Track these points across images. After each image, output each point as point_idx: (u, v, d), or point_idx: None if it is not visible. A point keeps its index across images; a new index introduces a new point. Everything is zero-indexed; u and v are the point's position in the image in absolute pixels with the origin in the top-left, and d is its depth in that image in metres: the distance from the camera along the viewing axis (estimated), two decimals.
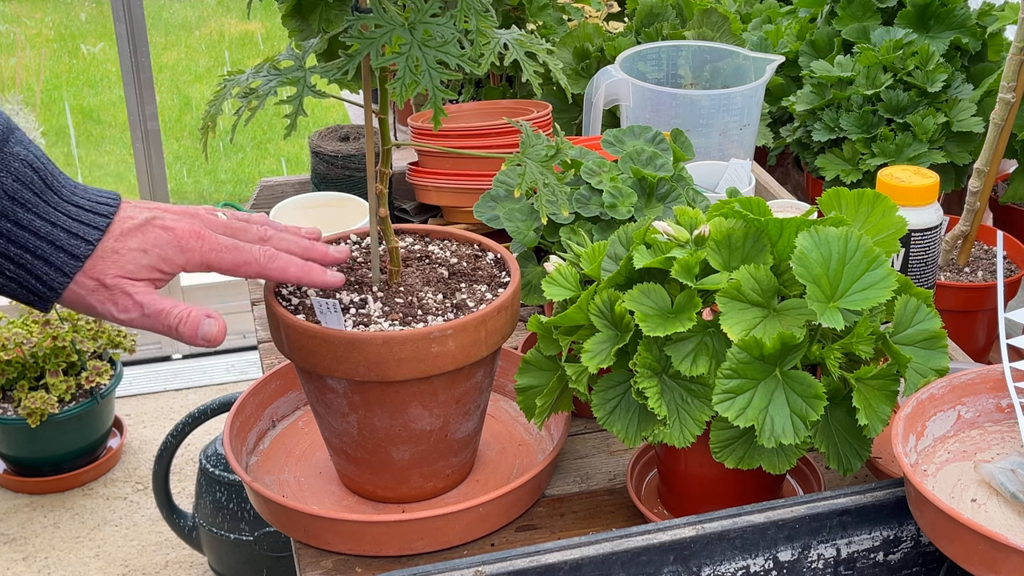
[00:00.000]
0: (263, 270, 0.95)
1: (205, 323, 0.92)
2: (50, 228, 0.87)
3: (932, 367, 0.92)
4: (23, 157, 0.87)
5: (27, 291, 0.89)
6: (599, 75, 1.52)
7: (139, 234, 0.90)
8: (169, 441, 2.19)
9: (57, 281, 0.88)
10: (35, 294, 0.89)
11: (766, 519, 0.87)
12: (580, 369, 0.94)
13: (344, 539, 0.98)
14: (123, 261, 0.89)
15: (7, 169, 0.86)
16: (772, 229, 0.92)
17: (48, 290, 0.88)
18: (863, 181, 1.56)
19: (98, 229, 0.89)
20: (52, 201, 0.88)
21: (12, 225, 0.86)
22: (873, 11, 1.69)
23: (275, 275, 0.95)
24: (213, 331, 0.92)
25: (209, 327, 0.92)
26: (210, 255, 0.93)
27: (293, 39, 1.12)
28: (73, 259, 0.88)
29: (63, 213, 0.88)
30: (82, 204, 0.90)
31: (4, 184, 0.86)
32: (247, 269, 0.94)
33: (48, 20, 5.17)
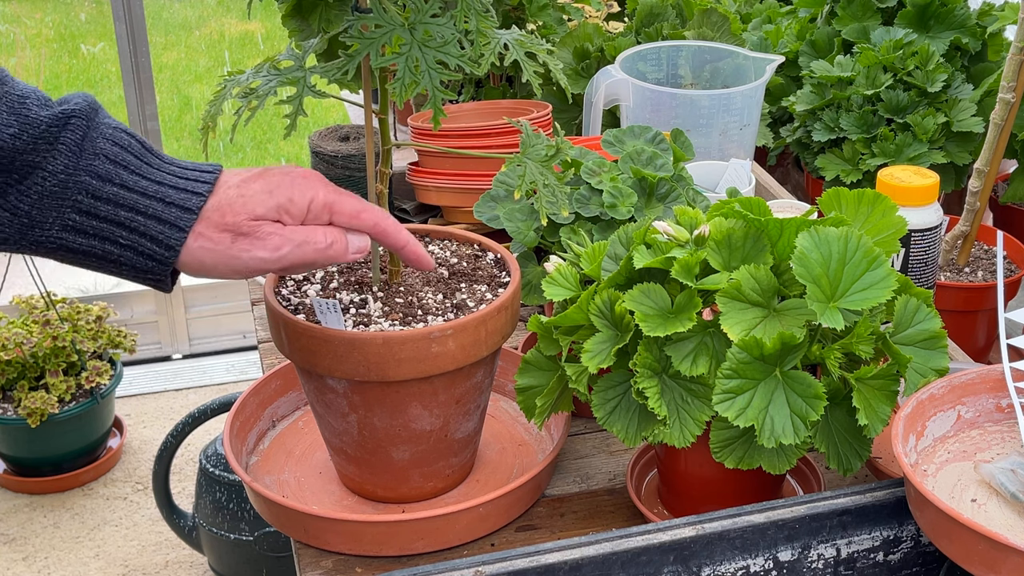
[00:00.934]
0: (379, 222, 0.93)
1: (351, 237, 0.91)
2: (156, 187, 0.86)
3: (932, 367, 0.92)
4: (117, 125, 0.87)
5: (145, 256, 0.86)
6: (599, 75, 1.52)
7: (260, 179, 0.89)
8: (169, 441, 2.19)
9: (174, 238, 0.86)
10: (153, 258, 0.86)
11: (766, 519, 0.87)
12: (580, 369, 0.94)
13: (344, 539, 0.98)
14: (251, 204, 0.88)
15: (103, 135, 0.85)
16: (772, 229, 0.92)
17: (165, 249, 0.86)
18: (863, 181, 1.56)
19: (206, 183, 0.87)
20: (154, 163, 0.87)
21: (118, 188, 0.85)
22: (873, 11, 1.70)
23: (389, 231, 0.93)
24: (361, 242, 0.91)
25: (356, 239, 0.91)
26: (333, 195, 0.91)
27: (293, 39, 1.12)
28: (186, 212, 0.86)
29: (168, 173, 0.87)
30: (186, 165, 0.89)
31: (103, 148, 0.85)
32: (367, 216, 0.92)
33: (48, 20, 5.17)
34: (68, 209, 0.84)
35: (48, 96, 0.86)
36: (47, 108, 0.84)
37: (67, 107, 0.84)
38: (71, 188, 0.84)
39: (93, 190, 0.84)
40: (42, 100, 0.84)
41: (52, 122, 0.83)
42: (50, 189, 0.83)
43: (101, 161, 0.84)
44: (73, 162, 0.83)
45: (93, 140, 0.85)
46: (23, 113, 0.83)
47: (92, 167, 0.84)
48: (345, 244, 0.90)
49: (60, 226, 0.84)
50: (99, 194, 0.84)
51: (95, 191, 0.84)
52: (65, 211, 0.84)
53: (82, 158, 0.84)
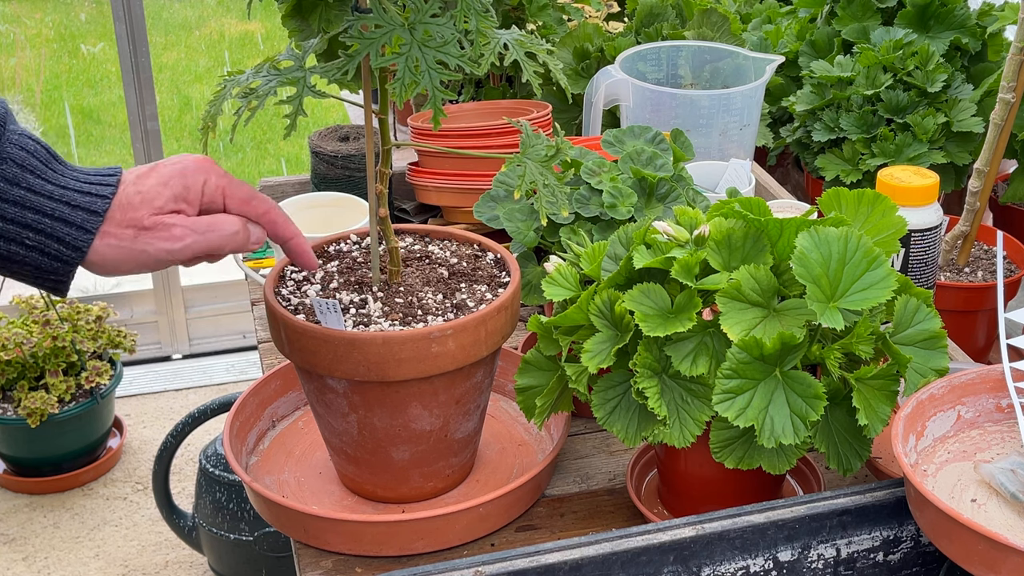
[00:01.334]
0: (269, 211, 0.95)
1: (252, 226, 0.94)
2: (63, 191, 0.88)
3: (932, 367, 0.92)
4: (24, 132, 0.89)
5: (50, 257, 0.88)
6: (599, 75, 1.52)
7: (152, 174, 0.92)
8: (169, 441, 2.19)
9: (81, 239, 0.88)
10: (59, 259, 0.89)
11: (766, 519, 0.87)
12: (580, 369, 0.94)
13: (344, 539, 0.98)
14: (150, 198, 0.90)
15: (11, 141, 0.87)
16: (772, 229, 0.92)
17: (72, 250, 0.88)
18: (863, 181, 1.56)
19: (110, 185, 0.90)
20: (59, 170, 0.90)
21: (25, 191, 0.87)
22: (873, 11, 1.70)
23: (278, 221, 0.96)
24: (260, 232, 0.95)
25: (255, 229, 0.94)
26: (223, 180, 0.94)
27: (293, 39, 1.12)
28: (92, 215, 0.89)
29: (73, 178, 0.90)
30: (88, 172, 0.91)
31: (11, 153, 0.87)
32: (257, 204, 0.95)
33: (48, 20, 5.17)
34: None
35: None
36: None
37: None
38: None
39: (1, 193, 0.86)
40: None
41: None
42: None
43: (8, 165, 0.87)
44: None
45: (2, 146, 0.87)
46: None
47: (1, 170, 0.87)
48: (247, 233, 0.93)
49: None
50: (6, 196, 0.86)
51: (2, 194, 0.86)
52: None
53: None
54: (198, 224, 0.91)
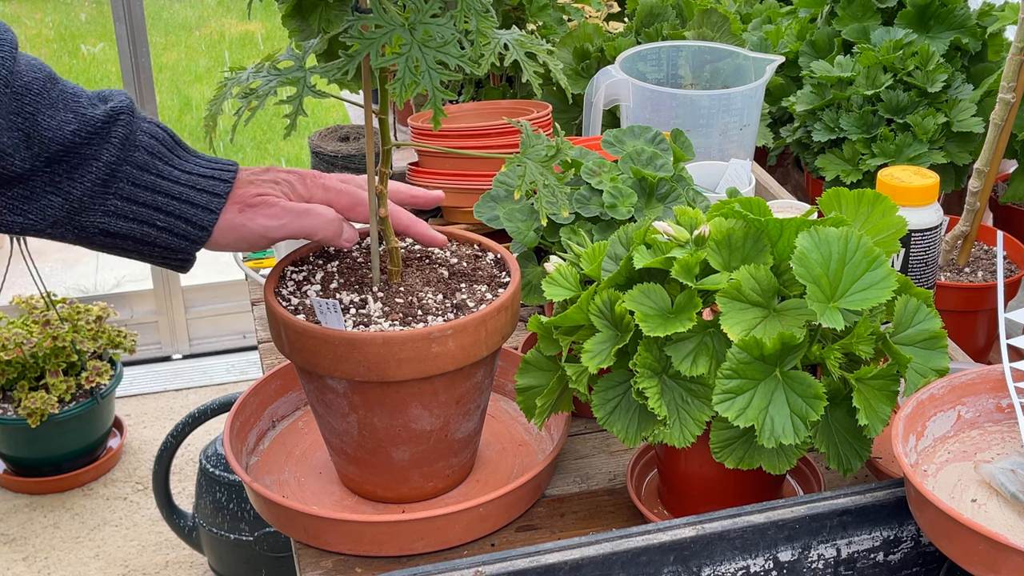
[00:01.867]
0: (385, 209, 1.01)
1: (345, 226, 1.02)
2: (189, 176, 0.98)
3: (932, 367, 0.92)
4: (151, 120, 0.98)
5: (179, 237, 0.98)
6: (599, 75, 1.52)
7: (268, 173, 1.02)
8: (169, 441, 2.19)
9: (207, 219, 0.98)
10: (187, 238, 0.98)
11: (766, 519, 0.87)
12: (580, 369, 0.94)
13: (344, 539, 0.98)
14: (259, 184, 1.00)
15: (142, 129, 0.96)
16: (772, 229, 0.92)
17: (199, 230, 0.98)
18: (863, 181, 1.56)
19: (231, 170, 1.00)
20: (183, 156, 0.99)
21: (156, 177, 0.96)
22: (873, 11, 1.69)
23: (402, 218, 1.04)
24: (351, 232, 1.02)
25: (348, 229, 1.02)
26: (330, 193, 1.02)
27: (293, 39, 1.12)
28: (215, 196, 0.98)
29: (196, 164, 0.99)
30: (210, 158, 1.00)
31: (143, 141, 0.96)
32: (362, 210, 1.03)
33: (48, 20, 5.17)
34: (111, 196, 0.94)
35: (91, 93, 0.96)
36: (98, 106, 0.94)
37: (114, 104, 0.95)
38: (117, 176, 0.94)
39: (134, 178, 0.95)
40: (92, 98, 0.95)
41: (105, 119, 0.94)
42: (101, 177, 0.94)
43: (141, 153, 0.96)
44: (120, 154, 0.94)
45: (135, 134, 0.96)
46: (79, 111, 0.93)
47: (134, 158, 0.95)
48: (340, 227, 1.01)
49: (103, 211, 0.95)
50: (139, 182, 0.95)
51: (135, 179, 0.95)
52: (109, 198, 0.94)
53: (126, 150, 0.95)
54: (297, 207, 0.99)
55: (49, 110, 0.92)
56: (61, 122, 0.92)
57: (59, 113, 0.92)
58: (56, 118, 0.92)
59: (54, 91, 0.93)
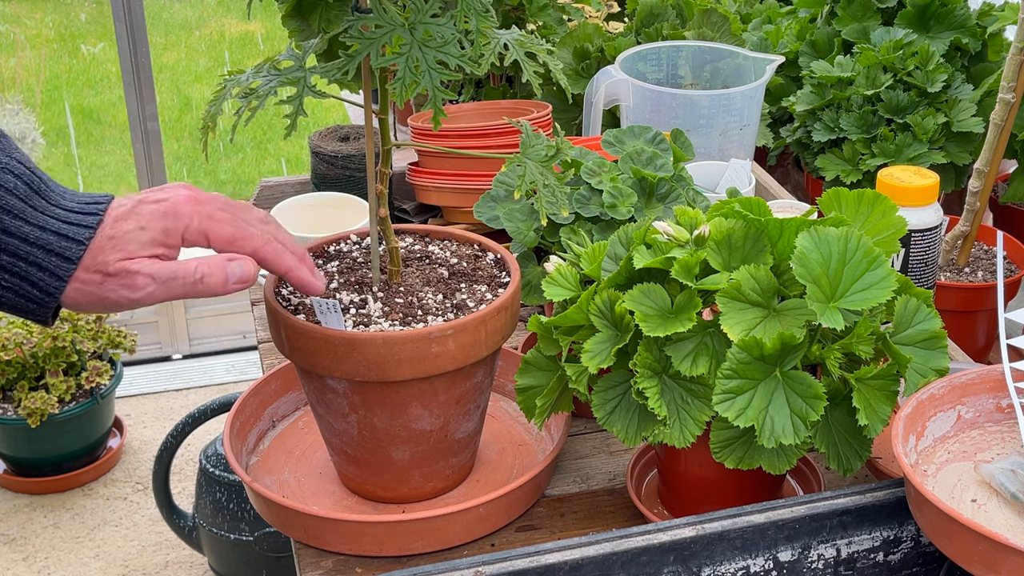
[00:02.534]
0: (258, 250, 0.91)
1: (231, 267, 0.89)
2: (39, 233, 0.86)
3: (932, 367, 0.92)
4: (4, 164, 0.86)
5: (25, 299, 0.87)
6: (599, 75, 1.52)
7: (132, 216, 0.88)
8: (169, 441, 2.19)
9: (53, 286, 0.86)
10: (33, 301, 0.87)
11: (766, 519, 0.87)
12: (580, 369, 0.94)
13: (344, 539, 0.98)
14: (122, 244, 0.87)
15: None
16: (772, 229, 0.92)
17: (46, 295, 0.87)
18: (863, 181, 1.56)
19: (89, 228, 0.87)
20: (40, 207, 0.87)
21: (1, 233, 0.85)
22: (873, 11, 1.70)
23: (269, 258, 0.92)
24: (242, 270, 0.89)
25: (240, 269, 0.89)
26: (207, 222, 0.89)
27: (293, 39, 1.12)
28: (65, 261, 0.86)
29: (52, 217, 0.87)
30: (72, 207, 0.88)
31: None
32: (242, 244, 0.90)
33: (48, 20, 5.17)
34: None
35: None
36: None
37: None
38: None
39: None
40: None
41: None
42: None
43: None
44: None
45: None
46: None
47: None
48: (224, 276, 0.88)
49: None
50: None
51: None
52: None
53: None
54: (162, 272, 0.88)
55: None
56: None
57: None
58: None
59: None
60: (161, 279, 0.88)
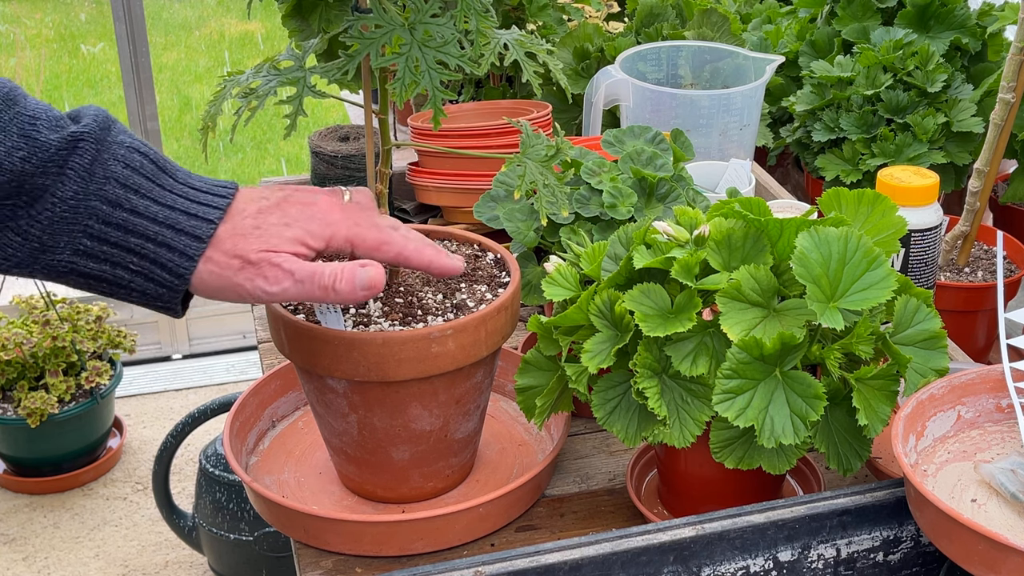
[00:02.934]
0: (401, 251, 0.91)
1: (360, 272, 0.87)
2: (168, 212, 0.84)
3: (932, 367, 0.92)
4: (129, 144, 0.85)
5: (155, 283, 0.85)
6: (599, 75, 1.52)
7: (278, 210, 0.87)
8: (169, 441, 2.19)
9: (183, 266, 0.84)
10: (163, 285, 0.85)
11: (766, 519, 0.87)
12: (580, 369, 0.94)
13: (344, 539, 0.98)
14: (266, 236, 0.86)
15: (115, 157, 0.84)
16: (772, 229, 0.92)
17: (175, 278, 0.85)
18: (863, 181, 1.56)
19: (218, 208, 0.86)
20: (167, 184, 0.86)
21: (128, 214, 0.83)
22: (873, 11, 1.70)
23: (412, 257, 0.91)
24: (370, 276, 0.88)
25: (366, 274, 0.87)
26: (354, 229, 0.89)
27: (293, 39, 1.12)
28: (195, 240, 0.84)
29: (180, 196, 0.85)
30: (200, 187, 0.87)
31: (114, 172, 0.83)
32: (387, 249, 0.90)
33: (48, 20, 5.17)
34: (79, 234, 0.83)
35: (60, 115, 0.84)
36: (57, 130, 0.82)
37: (77, 128, 0.83)
38: (81, 213, 0.82)
39: (104, 215, 0.83)
40: (53, 120, 0.83)
41: (61, 145, 0.82)
42: (60, 215, 0.82)
43: (112, 186, 0.83)
44: (83, 187, 0.82)
45: (104, 163, 0.83)
46: (33, 136, 0.81)
47: (103, 192, 0.83)
48: (353, 283, 0.87)
49: (71, 250, 0.83)
50: (109, 219, 0.83)
51: (106, 216, 0.83)
52: (76, 236, 0.83)
53: (92, 183, 0.83)
54: (301, 270, 0.86)
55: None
56: (10, 148, 0.80)
57: (9, 138, 0.81)
58: (3, 144, 0.80)
59: (7, 113, 0.81)
60: (299, 277, 0.86)
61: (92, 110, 0.85)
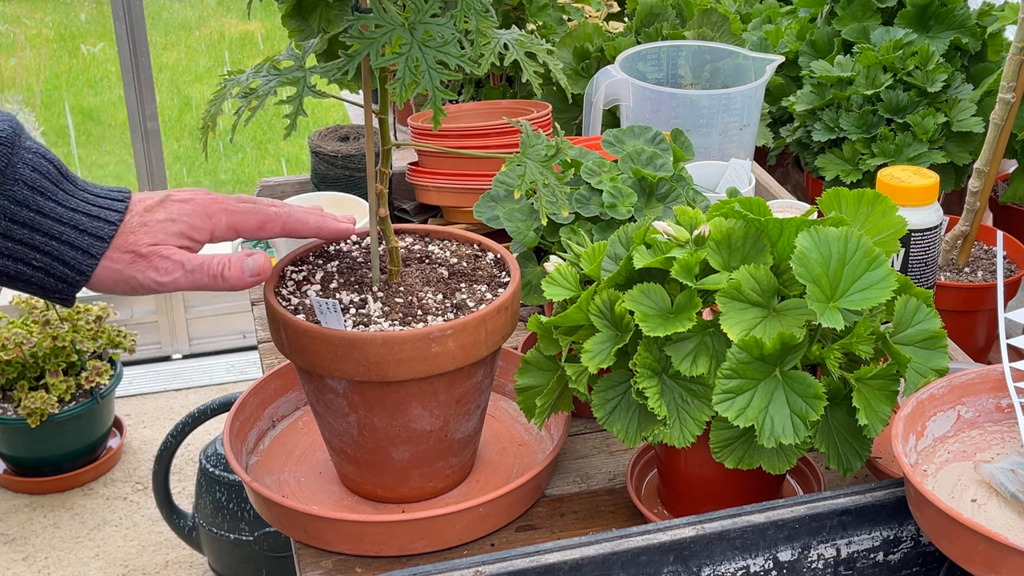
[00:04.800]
0: (286, 224, 0.99)
1: (248, 261, 0.95)
2: (72, 214, 0.90)
3: (932, 367, 0.92)
4: (36, 149, 0.90)
5: (55, 279, 0.91)
6: (599, 75, 1.52)
7: (162, 208, 0.94)
8: (169, 441, 2.19)
9: (85, 264, 0.90)
10: (64, 280, 0.91)
11: (766, 519, 0.87)
12: (580, 369, 0.94)
13: (344, 539, 0.98)
14: (154, 231, 0.93)
15: (23, 161, 0.88)
16: (772, 229, 0.92)
17: (77, 274, 0.91)
18: (863, 181, 1.56)
19: (118, 212, 0.92)
20: (69, 189, 0.91)
21: (34, 214, 0.88)
22: (873, 11, 1.70)
23: (298, 228, 0.99)
24: (257, 263, 0.95)
25: (253, 263, 0.95)
26: (235, 217, 0.96)
27: (293, 39, 1.12)
28: (98, 240, 0.91)
29: (82, 200, 0.91)
30: (98, 192, 0.93)
31: (23, 174, 0.88)
32: (271, 227, 0.98)
33: (48, 20, 5.17)
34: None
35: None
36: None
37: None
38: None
39: (11, 214, 0.88)
40: None
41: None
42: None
43: (20, 187, 0.88)
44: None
45: (15, 166, 0.88)
46: None
47: (11, 192, 0.88)
48: (239, 270, 0.95)
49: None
50: (16, 218, 0.88)
51: (12, 215, 0.88)
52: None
53: (3, 184, 0.87)
54: (189, 261, 0.93)
55: None
56: None
57: None
58: None
59: None
60: (188, 267, 0.93)
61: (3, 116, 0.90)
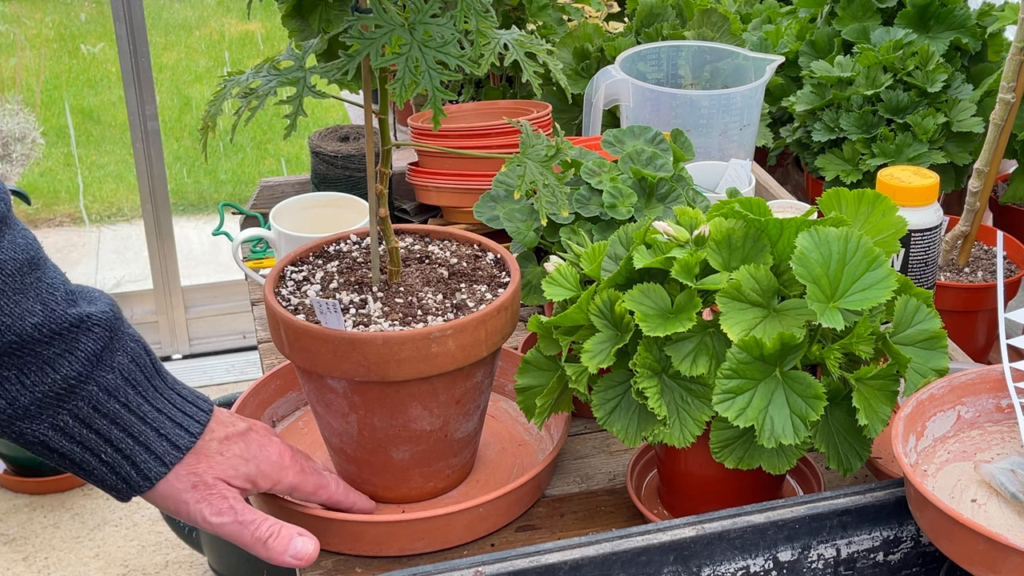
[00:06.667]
0: (331, 496, 0.97)
1: (297, 541, 0.89)
2: (156, 414, 0.85)
3: (932, 367, 0.92)
4: (135, 336, 0.85)
5: (119, 478, 0.85)
6: (599, 75, 1.52)
7: (241, 441, 0.90)
8: None
9: (155, 471, 0.85)
10: (127, 482, 0.85)
11: (766, 519, 0.87)
12: (580, 369, 0.94)
13: (344, 539, 0.98)
14: (225, 465, 0.88)
15: (123, 348, 0.84)
16: (772, 229, 0.92)
17: (143, 479, 0.85)
18: (863, 181, 1.56)
19: (199, 423, 0.87)
20: (159, 387, 0.86)
21: (120, 407, 0.83)
22: (873, 11, 1.70)
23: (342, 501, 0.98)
24: (307, 550, 0.89)
25: (302, 546, 0.89)
26: (299, 476, 0.94)
27: (293, 39, 1.12)
28: (175, 449, 0.86)
29: (169, 401, 0.86)
30: (184, 395, 0.88)
31: (120, 362, 0.84)
32: (323, 492, 0.96)
33: (48, 20, 5.17)
34: (64, 412, 0.82)
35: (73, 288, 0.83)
36: (71, 304, 0.82)
37: (92, 311, 0.82)
38: (75, 395, 0.82)
39: (96, 401, 0.83)
40: (68, 294, 0.82)
41: (74, 322, 0.81)
42: (56, 391, 0.81)
43: (114, 375, 0.83)
44: (87, 371, 0.82)
45: (112, 352, 0.83)
46: (50, 305, 0.80)
47: (103, 379, 0.83)
48: (285, 546, 0.88)
49: (50, 424, 0.82)
50: (101, 407, 0.83)
51: (98, 403, 0.83)
52: (61, 413, 0.82)
53: (97, 368, 0.82)
54: (243, 513, 0.88)
55: (15, 295, 0.78)
56: (24, 311, 0.79)
57: (25, 301, 0.79)
58: (20, 305, 0.79)
59: (29, 277, 0.80)
60: (240, 519, 0.88)
61: (99, 295, 0.85)
